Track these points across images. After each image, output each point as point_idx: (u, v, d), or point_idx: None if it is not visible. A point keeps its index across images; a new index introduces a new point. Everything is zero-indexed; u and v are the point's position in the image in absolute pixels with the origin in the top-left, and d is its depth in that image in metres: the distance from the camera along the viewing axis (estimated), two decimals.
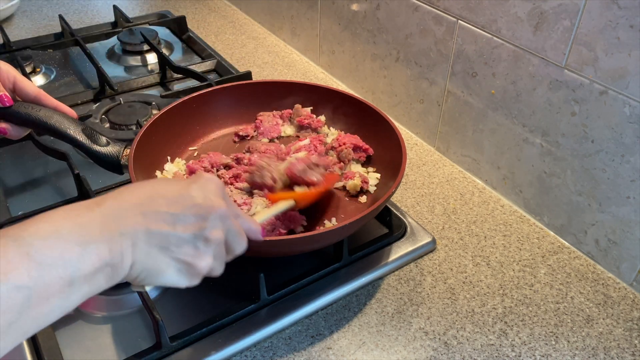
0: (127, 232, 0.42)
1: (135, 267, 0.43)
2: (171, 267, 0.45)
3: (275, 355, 0.62)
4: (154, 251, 0.44)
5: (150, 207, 0.44)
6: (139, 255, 0.43)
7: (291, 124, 0.89)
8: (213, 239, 0.47)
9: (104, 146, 0.74)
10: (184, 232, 0.45)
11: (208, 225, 0.46)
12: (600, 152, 0.70)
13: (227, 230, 0.49)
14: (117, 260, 0.41)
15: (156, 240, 0.44)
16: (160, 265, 0.45)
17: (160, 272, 0.45)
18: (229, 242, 0.50)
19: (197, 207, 0.46)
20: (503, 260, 0.75)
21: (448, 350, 0.63)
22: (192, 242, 0.46)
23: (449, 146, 0.93)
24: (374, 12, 0.99)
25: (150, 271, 0.44)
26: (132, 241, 0.43)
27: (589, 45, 0.67)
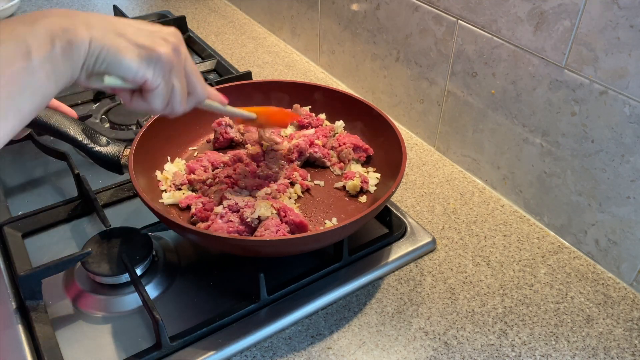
0: (82, 16, 0.43)
1: (94, 44, 0.43)
2: (130, 50, 0.45)
3: (275, 355, 0.62)
4: (111, 35, 0.44)
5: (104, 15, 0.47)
6: (96, 33, 0.43)
7: (291, 124, 0.89)
8: (171, 42, 0.48)
9: (104, 146, 0.74)
10: (142, 29, 0.47)
11: (164, 32, 0.49)
12: (600, 152, 0.70)
13: (185, 57, 0.50)
14: (70, 26, 0.42)
15: (114, 27, 0.45)
16: (119, 45, 0.45)
17: (120, 53, 0.44)
18: (188, 75, 0.51)
19: (153, 24, 0.49)
20: (503, 260, 0.75)
21: (448, 350, 0.63)
22: (150, 34, 0.47)
23: (449, 146, 0.93)
24: (374, 12, 0.99)
25: (109, 51, 0.44)
26: (87, 22, 0.43)
27: (589, 45, 0.67)
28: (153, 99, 0.49)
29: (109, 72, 0.45)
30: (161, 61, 0.47)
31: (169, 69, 0.48)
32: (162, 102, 0.49)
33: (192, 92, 0.53)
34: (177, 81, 0.49)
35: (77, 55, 0.42)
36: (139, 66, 0.46)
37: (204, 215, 0.69)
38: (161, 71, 0.47)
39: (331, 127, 0.85)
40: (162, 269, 0.71)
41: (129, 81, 0.47)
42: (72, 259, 0.66)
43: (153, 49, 0.46)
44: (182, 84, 0.50)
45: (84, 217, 0.79)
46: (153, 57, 0.46)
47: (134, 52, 0.45)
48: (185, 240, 0.75)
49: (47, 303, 0.66)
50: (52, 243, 0.75)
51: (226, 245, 0.65)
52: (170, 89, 0.49)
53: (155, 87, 0.48)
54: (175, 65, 0.49)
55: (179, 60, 0.49)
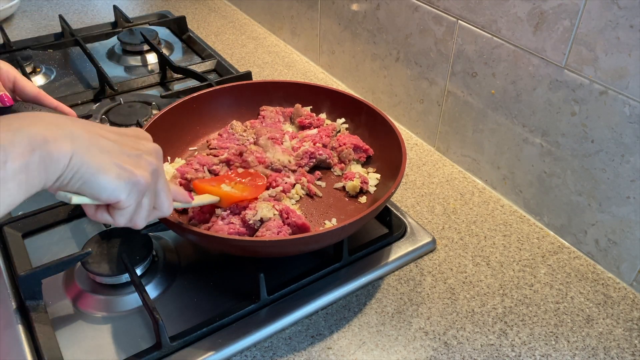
0: (66, 127, 0.42)
1: (75, 159, 0.42)
2: (110, 170, 0.44)
3: (275, 355, 0.62)
4: (95, 150, 0.44)
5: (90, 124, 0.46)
6: (79, 147, 0.42)
7: (292, 124, 0.89)
8: (151, 163, 0.48)
9: None
10: (125, 147, 0.47)
11: (145, 150, 0.48)
12: (600, 152, 0.70)
13: (159, 176, 0.50)
14: (53, 138, 0.40)
15: (98, 142, 0.44)
16: (101, 163, 0.44)
17: (99, 172, 0.44)
18: (158, 193, 0.51)
19: (142, 138, 0.49)
20: (503, 260, 0.75)
21: (448, 350, 0.63)
22: (133, 156, 0.47)
23: (449, 146, 0.93)
24: (374, 12, 0.99)
25: (90, 168, 0.43)
26: (72, 135, 0.42)
27: (589, 45, 0.67)
28: (119, 216, 0.49)
29: (81, 190, 0.44)
30: (139, 185, 0.47)
31: (142, 192, 0.48)
32: (126, 220, 0.49)
33: (158, 208, 0.53)
34: (146, 200, 0.49)
35: (55, 168, 0.41)
36: (115, 188, 0.45)
37: (202, 217, 0.69)
38: (135, 194, 0.47)
39: (333, 126, 0.85)
40: (162, 269, 0.71)
41: (100, 200, 0.46)
42: (72, 259, 0.66)
43: (133, 174, 0.46)
44: (150, 202, 0.50)
45: (84, 217, 0.79)
46: (131, 181, 0.46)
47: (113, 173, 0.45)
48: (185, 240, 0.75)
49: (47, 303, 0.66)
50: (52, 243, 0.75)
51: (226, 246, 0.65)
52: (139, 208, 0.49)
53: (125, 207, 0.47)
54: (150, 187, 0.49)
55: (154, 182, 0.50)
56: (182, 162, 0.80)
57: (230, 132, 0.85)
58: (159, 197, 0.52)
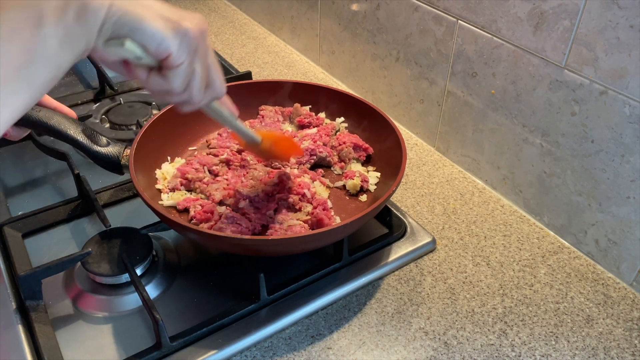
0: None
1: (114, 8, 0.39)
2: (156, 19, 0.41)
3: (275, 355, 0.62)
4: (136, 4, 0.41)
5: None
6: (117, 1, 0.39)
7: (292, 123, 0.89)
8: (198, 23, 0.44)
9: (104, 146, 0.74)
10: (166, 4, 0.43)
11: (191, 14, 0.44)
12: (600, 152, 0.70)
13: (208, 48, 0.46)
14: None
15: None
16: (143, 12, 0.41)
17: (145, 20, 0.41)
18: (209, 63, 0.47)
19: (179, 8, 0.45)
20: (503, 260, 0.75)
21: (448, 350, 0.63)
22: (177, 13, 0.43)
23: (449, 146, 0.93)
24: (374, 12, 0.99)
25: (132, 16, 0.40)
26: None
27: (589, 45, 0.67)
28: (173, 77, 0.44)
29: (130, 36, 0.41)
30: (188, 36, 0.43)
31: (194, 48, 0.44)
32: (181, 83, 0.45)
33: (210, 85, 0.48)
34: (199, 66, 0.45)
35: (94, 19, 0.38)
36: (165, 35, 0.41)
37: (204, 217, 0.69)
38: (187, 47, 0.43)
39: (333, 126, 0.85)
40: (162, 269, 0.71)
41: (150, 52, 0.43)
42: (72, 259, 0.66)
43: (180, 22, 0.42)
44: (203, 72, 0.46)
45: (84, 217, 0.79)
46: (180, 30, 0.42)
47: (160, 21, 0.41)
48: (186, 240, 0.75)
49: (47, 303, 0.66)
50: (52, 243, 0.75)
51: (227, 245, 0.65)
52: (192, 71, 0.45)
53: (178, 63, 0.43)
54: (200, 46, 0.45)
55: (204, 45, 0.45)
56: (182, 162, 0.80)
57: (230, 131, 0.85)
58: (210, 71, 0.47)
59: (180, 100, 0.47)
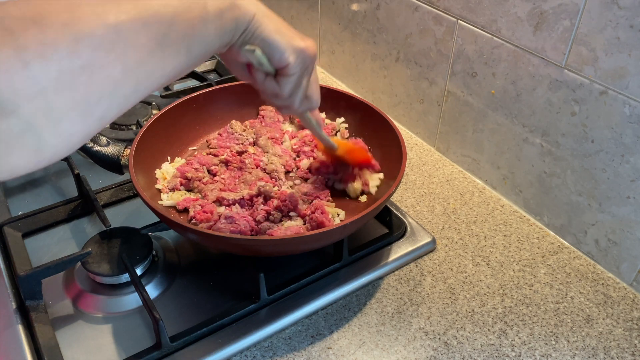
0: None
1: (257, 18, 0.48)
2: (283, 35, 0.51)
3: (275, 355, 0.62)
4: (273, 18, 0.50)
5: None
6: (260, 11, 0.49)
7: (292, 124, 0.89)
8: (313, 47, 0.54)
9: (104, 146, 0.74)
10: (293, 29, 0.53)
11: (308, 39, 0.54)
12: (600, 152, 0.70)
13: (315, 68, 0.57)
14: (241, 3, 0.47)
15: (272, 15, 0.51)
16: (275, 27, 0.50)
17: (277, 32, 0.50)
18: (311, 82, 0.57)
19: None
20: (503, 260, 0.75)
21: (448, 350, 0.63)
22: (299, 35, 0.53)
23: (449, 146, 0.93)
24: (374, 12, 0.99)
25: (268, 27, 0.49)
26: (255, 1, 0.49)
27: (589, 45, 0.67)
28: (285, 84, 0.53)
29: (260, 46, 0.50)
30: (305, 54, 0.52)
31: (307, 65, 0.53)
32: (290, 90, 0.54)
33: (309, 98, 0.58)
34: (305, 80, 0.55)
35: (242, 21, 0.47)
36: (287, 50, 0.51)
37: (203, 217, 0.69)
38: (302, 63, 0.52)
39: (333, 126, 0.85)
40: (162, 269, 0.71)
41: (273, 61, 0.52)
42: (72, 259, 0.66)
43: (300, 43, 0.52)
44: (306, 84, 0.56)
45: (84, 217, 0.79)
46: (300, 48, 0.52)
47: (287, 37, 0.51)
48: (186, 240, 0.75)
49: (47, 303, 0.66)
50: (52, 243, 0.75)
51: (227, 245, 0.65)
52: (300, 83, 0.54)
53: (292, 74, 0.53)
54: (310, 65, 0.54)
55: (313, 64, 0.55)
56: (182, 162, 0.80)
57: (230, 131, 0.85)
58: (311, 86, 0.58)
59: (283, 104, 0.58)
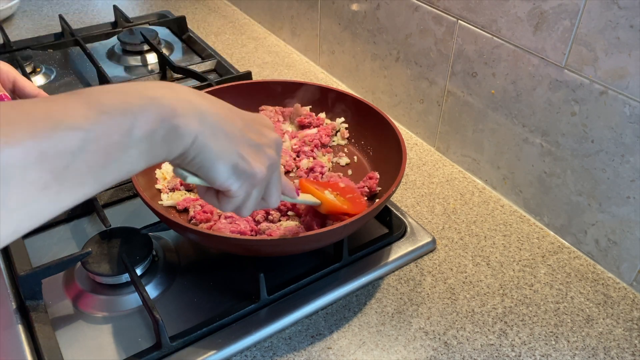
0: (198, 104, 0.41)
1: (199, 140, 0.41)
2: (229, 159, 0.44)
3: (275, 355, 0.62)
4: (220, 135, 0.43)
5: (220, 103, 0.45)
6: (205, 129, 0.41)
7: (292, 124, 0.89)
8: (270, 157, 0.47)
9: None
10: (249, 133, 0.46)
11: (267, 142, 0.47)
12: (600, 152, 0.70)
13: (275, 170, 0.49)
14: (183, 113, 0.39)
15: (226, 126, 0.43)
16: (222, 150, 0.43)
17: (221, 159, 0.43)
18: (269, 185, 0.50)
19: (265, 126, 0.48)
20: (503, 260, 0.75)
21: (448, 350, 0.63)
22: (255, 146, 0.46)
23: (449, 146, 0.93)
24: (374, 12, 0.99)
25: (211, 153, 0.42)
26: (201, 114, 0.41)
27: (589, 45, 0.67)
28: (226, 204, 0.48)
29: (198, 173, 0.44)
30: (252, 179, 0.46)
31: (255, 185, 0.47)
32: (232, 208, 0.49)
33: (266, 200, 0.52)
34: (256, 192, 0.49)
35: (178, 144, 0.40)
36: (229, 177, 0.45)
37: (203, 217, 0.69)
38: (248, 187, 0.47)
39: (333, 126, 0.86)
40: (162, 269, 0.71)
41: (213, 185, 0.46)
42: (72, 259, 0.66)
43: (251, 167, 0.45)
44: (259, 194, 0.50)
45: (84, 217, 0.79)
46: (246, 173, 0.45)
47: (232, 163, 0.44)
48: (186, 240, 0.75)
49: (47, 303, 0.66)
50: (52, 243, 0.75)
51: (227, 245, 0.65)
52: (247, 200, 0.48)
53: (234, 197, 0.47)
54: (264, 181, 0.48)
55: (269, 176, 0.49)
56: None
57: None
58: (269, 190, 0.51)
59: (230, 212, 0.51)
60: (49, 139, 0.32)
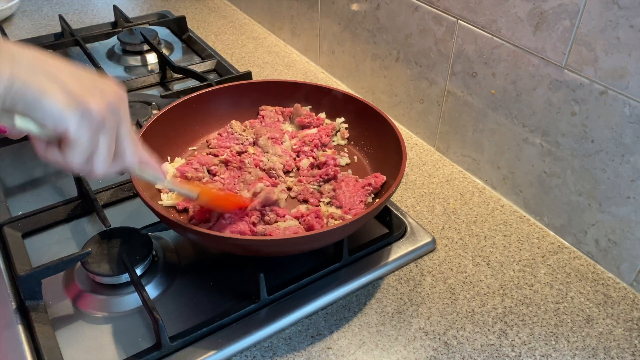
0: (8, 50, 0.39)
1: (16, 81, 0.39)
2: (56, 94, 0.40)
3: (275, 355, 0.62)
4: (41, 75, 0.40)
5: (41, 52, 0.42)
6: (21, 69, 0.39)
7: (292, 124, 0.89)
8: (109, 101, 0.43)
9: None
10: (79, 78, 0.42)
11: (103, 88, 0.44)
12: (600, 152, 0.70)
13: (121, 120, 0.45)
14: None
15: (44, 67, 0.40)
16: (44, 86, 0.40)
17: (44, 95, 0.40)
18: (120, 138, 0.46)
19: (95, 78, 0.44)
20: (503, 260, 0.75)
21: (448, 350, 0.63)
22: (88, 86, 0.42)
23: (449, 146, 0.93)
24: (374, 12, 0.99)
25: (31, 91, 0.39)
26: (13, 57, 0.39)
27: (589, 45, 0.67)
28: (71, 153, 0.43)
29: (25, 113, 0.41)
30: (89, 115, 0.42)
31: (96, 126, 0.43)
32: (80, 159, 0.44)
33: (119, 157, 0.47)
34: (104, 141, 0.44)
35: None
36: (62, 113, 0.41)
37: (203, 217, 0.69)
38: (87, 126, 0.42)
39: (333, 126, 0.86)
40: (162, 269, 0.71)
41: (47, 128, 0.42)
42: (72, 259, 0.66)
43: (83, 99, 0.42)
44: (109, 146, 0.45)
45: (84, 217, 0.79)
46: (81, 108, 0.42)
47: (60, 97, 0.41)
48: (186, 240, 0.75)
49: (47, 303, 0.66)
50: (52, 243, 0.75)
51: (228, 245, 0.65)
52: (94, 147, 0.44)
53: (75, 140, 0.43)
54: (107, 123, 0.44)
55: (112, 120, 0.45)
56: (182, 162, 0.80)
57: (229, 131, 0.85)
58: (120, 144, 0.46)
59: (82, 171, 0.46)
60: None
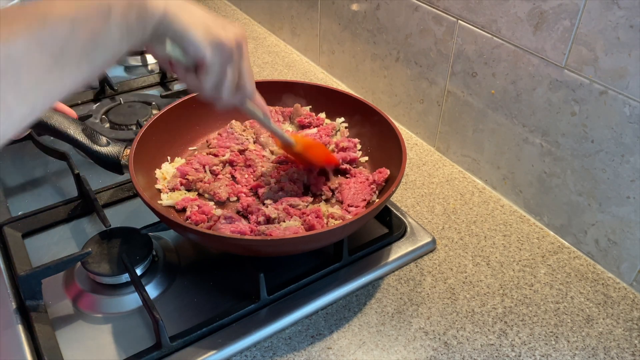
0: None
1: (168, 14, 0.47)
2: (198, 27, 0.49)
3: (275, 355, 0.62)
4: (185, 11, 0.49)
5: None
6: (172, 5, 0.47)
7: (292, 124, 0.89)
8: (236, 36, 0.52)
9: (104, 146, 0.74)
10: (214, 18, 0.52)
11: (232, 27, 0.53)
12: (600, 152, 0.70)
13: (243, 55, 0.54)
14: (147, 1, 0.45)
15: (188, 6, 0.49)
16: (189, 20, 0.49)
17: (189, 27, 0.49)
18: (242, 71, 0.55)
19: (224, 21, 0.53)
20: (503, 260, 0.75)
21: (448, 350, 0.63)
22: (220, 24, 0.52)
23: (449, 146, 0.93)
24: (374, 12, 0.99)
25: (179, 23, 0.48)
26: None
27: (589, 45, 0.67)
28: (205, 78, 0.53)
29: (173, 41, 0.49)
30: (222, 46, 0.51)
31: (226, 57, 0.52)
32: (211, 84, 0.53)
33: (241, 88, 0.56)
34: (230, 71, 0.53)
35: (150, 20, 0.46)
36: (202, 43, 0.49)
37: (199, 218, 0.69)
38: (220, 56, 0.51)
39: (333, 126, 0.86)
40: (162, 269, 0.71)
41: (189, 55, 0.50)
42: (72, 259, 0.66)
43: (218, 34, 0.50)
44: (234, 76, 0.54)
45: (84, 217, 0.79)
46: (216, 40, 0.50)
47: (200, 30, 0.49)
48: (186, 240, 0.75)
49: (47, 303, 0.66)
50: (52, 243, 0.75)
51: (227, 245, 0.65)
52: (223, 76, 0.53)
53: (210, 67, 0.51)
54: (234, 56, 0.53)
55: (238, 54, 0.53)
56: (182, 162, 0.80)
57: (229, 131, 0.85)
58: (242, 76, 0.56)
59: (212, 97, 0.56)
60: (43, 30, 0.38)
